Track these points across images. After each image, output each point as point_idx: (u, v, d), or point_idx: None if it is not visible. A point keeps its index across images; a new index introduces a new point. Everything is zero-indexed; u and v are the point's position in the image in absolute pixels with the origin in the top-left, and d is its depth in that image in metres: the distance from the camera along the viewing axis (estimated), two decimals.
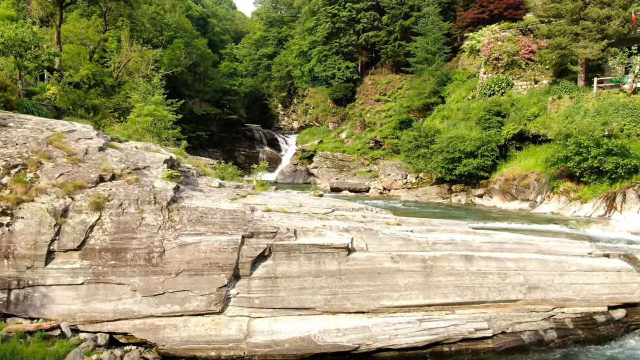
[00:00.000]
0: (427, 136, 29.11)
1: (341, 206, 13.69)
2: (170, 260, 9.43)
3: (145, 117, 15.78)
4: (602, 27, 23.25)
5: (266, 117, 79.59)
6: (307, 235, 10.47)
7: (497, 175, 24.88)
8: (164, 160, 12.13)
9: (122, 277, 9.32)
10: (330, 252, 10.10)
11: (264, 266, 9.85)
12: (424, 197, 27.88)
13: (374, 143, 48.92)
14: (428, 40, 42.65)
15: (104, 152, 11.23)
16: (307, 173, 52.71)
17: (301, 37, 62.37)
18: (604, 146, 18.91)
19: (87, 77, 25.81)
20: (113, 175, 10.38)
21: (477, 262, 10.83)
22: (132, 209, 9.75)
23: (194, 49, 56.85)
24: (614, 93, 23.59)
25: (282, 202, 13.10)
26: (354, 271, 10.16)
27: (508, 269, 10.92)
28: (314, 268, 9.99)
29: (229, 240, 9.69)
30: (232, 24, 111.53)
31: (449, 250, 11.07)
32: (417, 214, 19.96)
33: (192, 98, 60.03)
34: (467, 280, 10.63)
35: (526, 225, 16.38)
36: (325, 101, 60.18)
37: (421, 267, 10.48)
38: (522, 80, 29.63)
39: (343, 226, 11.20)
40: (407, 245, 10.99)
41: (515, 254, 11.38)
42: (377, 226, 11.74)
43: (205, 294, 9.42)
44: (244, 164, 57.35)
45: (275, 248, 9.93)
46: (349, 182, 37.10)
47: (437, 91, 41.53)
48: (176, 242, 9.56)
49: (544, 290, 11.00)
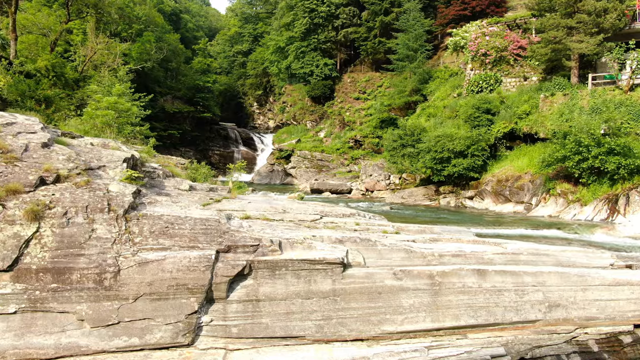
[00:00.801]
0: (413, 135, 27.71)
1: (330, 212, 12.09)
2: (127, 281, 7.65)
3: (104, 111, 13.83)
4: (598, 21, 22.22)
5: (241, 116, 77.61)
6: (295, 248, 8.82)
7: (489, 176, 23.62)
8: (123, 159, 10.32)
9: (66, 304, 7.49)
10: (322, 269, 8.50)
11: (244, 287, 8.18)
12: (410, 199, 26.47)
13: (354, 142, 47.49)
14: (410, 36, 41.48)
15: (49, 149, 9.34)
16: (284, 173, 50.96)
17: (278, 32, 60.57)
18: (606, 145, 17.79)
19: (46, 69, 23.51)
20: (58, 176, 8.52)
21: (492, 277, 9.39)
22: (79, 219, 7.93)
23: (165, 44, 54.45)
24: (609, 90, 22.59)
25: (263, 207, 11.43)
26: (351, 291, 8.58)
27: (526, 285, 9.52)
28: (304, 288, 8.37)
29: (201, 256, 7.98)
30: (206, 21, 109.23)
31: (459, 264, 9.61)
32: (408, 218, 18.54)
33: (164, 95, 57.66)
34: (481, 299, 9.18)
35: (530, 230, 15.10)
36: (303, 99, 58.50)
37: (428, 285, 8.98)
38: (511, 77, 28.55)
39: (336, 236, 9.59)
40: (410, 258, 9.47)
41: (532, 267, 9.98)
42: (374, 236, 10.18)
43: (171, 323, 7.68)
44: (218, 163, 55.38)
45: (257, 265, 8.26)
46: (330, 183, 35.50)
47: (419, 89, 40.36)
48: (135, 259, 7.78)
49: (565, 309, 9.64)
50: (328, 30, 54.19)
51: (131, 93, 24.74)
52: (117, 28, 45.92)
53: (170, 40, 60.03)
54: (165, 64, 58.77)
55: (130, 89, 25.74)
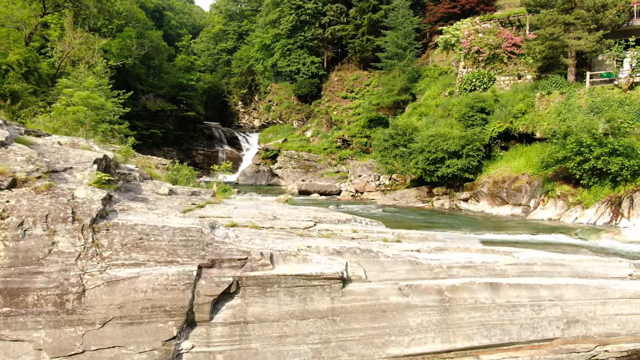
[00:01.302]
0: (405, 134, 26.81)
1: (324, 217, 11.09)
2: (93, 304, 6.57)
3: (76, 107, 12.59)
4: (597, 17, 21.56)
5: (226, 115, 76.22)
6: (288, 261, 7.80)
7: (484, 178, 22.81)
8: (94, 160, 9.18)
9: (20, 331, 6.39)
10: (319, 285, 7.52)
11: (230, 307, 7.15)
12: (402, 201, 25.57)
13: (341, 142, 46.54)
14: (399, 34, 40.64)
15: (6, 148, 8.17)
16: (270, 174, 49.80)
17: (263, 30, 59.31)
18: (608, 145, 17.08)
19: (18, 63, 22.09)
20: (14, 181, 7.37)
21: (506, 291, 8.51)
22: (38, 230, 6.81)
23: (147, 40, 52.87)
24: (608, 88, 21.96)
25: (250, 213, 10.38)
26: (352, 309, 7.62)
27: (542, 300, 8.66)
28: (299, 307, 7.38)
29: (180, 272, 6.94)
30: (190, 18, 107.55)
31: (469, 277, 8.69)
32: (404, 222, 17.63)
33: (146, 93, 56.10)
34: (495, 316, 8.29)
35: (535, 236, 14.26)
36: (290, 98, 57.35)
37: (437, 301, 8.06)
38: (505, 75, 27.84)
39: (333, 247, 8.60)
40: (416, 271, 8.53)
41: (548, 279, 9.11)
42: (375, 246, 9.22)
43: (145, 351, 6.63)
44: (202, 164, 54.08)
45: (245, 281, 7.24)
46: (319, 184, 34.45)
47: (408, 88, 39.55)
48: (103, 277, 6.70)
49: (584, 325, 8.80)
50: (315, 27, 53.18)
51: (109, 89, 23.49)
52: (96, 23, 44.33)
53: (152, 36, 58.43)
54: (148, 61, 57.18)
55: (108, 84, 24.52)
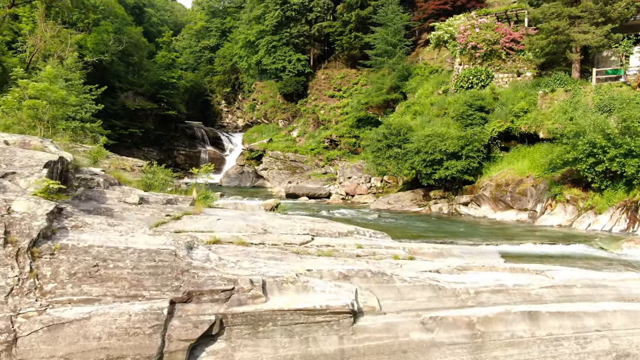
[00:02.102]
0: (399, 134, 25.39)
1: (322, 229, 9.56)
2: (28, 356, 4.95)
3: (31, 101, 10.82)
4: (606, 9, 20.39)
5: (208, 114, 74.27)
6: (284, 290, 6.24)
7: (486, 180, 21.47)
8: (45, 164, 7.53)
9: None
10: (325, 322, 6.01)
11: (212, 354, 5.60)
12: (397, 205, 24.13)
13: (329, 142, 45.03)
14: (388, 31, 39.33)
15: None
16: (255, 175, 48.06)
17: (248, 26, 57.52)
18: (624, 146, 15.88)
19: None
20: None
21: (546, 321, 7.10)
22: None
23: (126, 36, 50.70)
24: (615, 86, 20.82)
25: (236, 225, 8.81)
26: (366, 351, 6.12)
27: (588, 330, 7.27)
28: (300, 351, 5.85)
29: (147, 310, 5.35)
30: (172, 15, 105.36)
31: (501, 304, 7.26)
32: (405, 230, 16.19)
33: (125, 91, 53.95)
34: (535, 353, 6.87)
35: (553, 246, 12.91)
36: (275, 96, 55.66)
37: (468, 337, 6.60)
38: (503, 72, 26.61)
39: (339, 270, 7.07)
40: (439, 297, 7.07)
41: (592, 305, 7.71)
42: (387, 266, 7.73)
43: None
44: (184, 164, 52.18)
45: (232, 320, 5.70)
46: (307, 186, 32.86)
47: (398, 86, 38.21)
48: (42, 319, 5.08)
49: (635, 359, 7.41)
50: (301, 24, 51.64)
51: (81, 84, 21.68)
52: (71, 17, 42.20)
53: (131, 32, 56.25)
54: (127, 58, 54.98)
55: (81, 79, 22.72)
